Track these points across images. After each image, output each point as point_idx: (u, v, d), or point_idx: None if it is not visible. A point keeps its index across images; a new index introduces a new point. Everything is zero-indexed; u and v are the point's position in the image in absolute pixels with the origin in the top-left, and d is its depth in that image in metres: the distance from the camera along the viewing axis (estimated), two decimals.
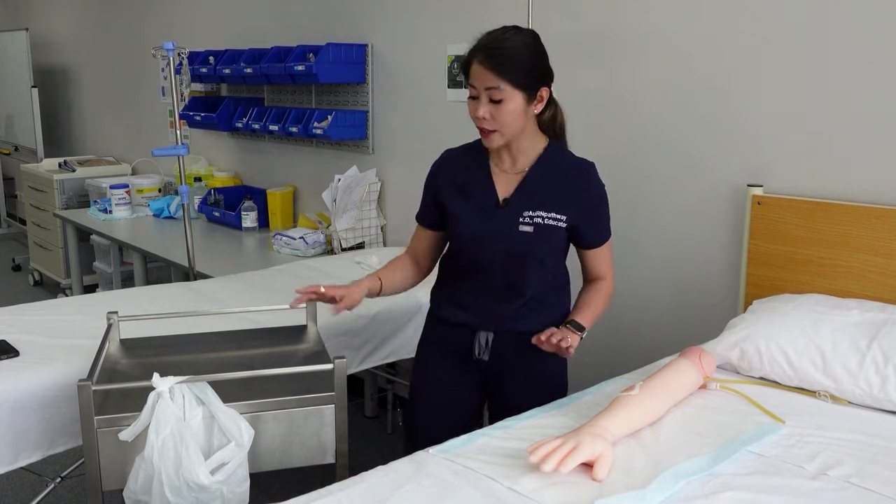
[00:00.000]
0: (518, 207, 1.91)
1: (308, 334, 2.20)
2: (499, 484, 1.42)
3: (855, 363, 1.81)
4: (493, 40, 1.82)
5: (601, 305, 2.03)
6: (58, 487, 2.90)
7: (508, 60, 1.79)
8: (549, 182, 1.92)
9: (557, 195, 1.91)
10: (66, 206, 5.37)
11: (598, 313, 2.02)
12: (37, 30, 7.14)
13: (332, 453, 1.82)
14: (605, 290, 2.04)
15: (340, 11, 3.89)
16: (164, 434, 1.62)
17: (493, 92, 1.79)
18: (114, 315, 2.12)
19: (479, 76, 1.80)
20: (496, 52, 1.79)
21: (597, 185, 1.96)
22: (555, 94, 1.89)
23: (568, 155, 1.98)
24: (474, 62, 1.81)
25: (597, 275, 2.05)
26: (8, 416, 1.93)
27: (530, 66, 1.82)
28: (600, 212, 1.98)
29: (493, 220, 1.92)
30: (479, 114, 1.82)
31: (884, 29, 2.12)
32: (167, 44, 3.22)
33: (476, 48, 1.83)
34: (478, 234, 1.94)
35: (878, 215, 2.11)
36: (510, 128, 1.84)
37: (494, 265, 1.94)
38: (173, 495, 1.61)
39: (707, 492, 1.40)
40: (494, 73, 1.78)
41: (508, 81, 1.79)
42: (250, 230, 4.20)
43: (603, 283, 2.05)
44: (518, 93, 1.80)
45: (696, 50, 2.53)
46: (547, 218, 1.90)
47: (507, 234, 1.91)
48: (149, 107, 5.65)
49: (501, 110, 1.81)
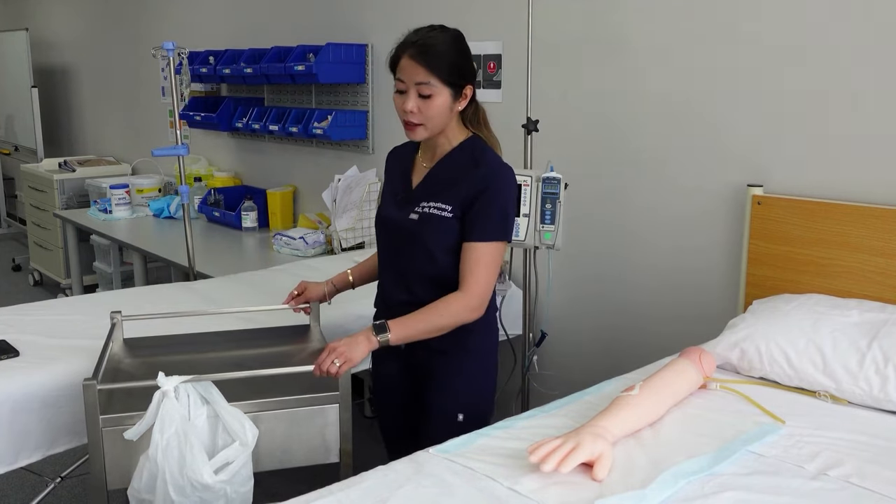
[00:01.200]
0: (418, 198, 1.93)
1: (311, 334, 2.21)
2: (499, 484, 1.42)
3: (855, 363, 1.81)
4: (423, 37, 1.84)
5: (430, 318, 1.83)
6: (58, 487, 2.90)
7: (438, 57, 1.82)
8: (448, 174, 1.92)
9: (449, 185, 1.89)
10: (66, 206, 5.37)
11: (422, 324, 1.83)
12: (37, 30, 7.14)
13: (335, 452, 1.83)
14: (450, 302, 1.83)
15: (340, 11, 3.89)
16: (168, 433, 1.62)
17: (422, 87, 1.82)
18: (117, 314, 2.12)
19: (409, 71, 1.82)
20: (427, 48, 1.82)
21: (485, 173, 1.86)
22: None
23: (478, 150, 1.92)
24: (404, 57, 1.83)
25: (460, 279, 1.86)
26: (8, 416, 1.93)
27: (458, 64, 1.85)
28: (484, 202, 1.84)
29: (395, 208, 1.97)
30: (408, 107, 1.83)
31: (884, 29, 2.12)
32: (167, 44, 3.22)
33: (406, 43, 1.85)
34: (382, 221, 2.00)
35: (878, 215, 2.11)
36: (435, 122, 1.86)
37: (395, 254, 1.97)
38: (177, 494, 1.61)
39: (707, 492, 1.40)
40: (425, 69, 1.81)
41: (438, 77, 1.81)
42: (250, 230, 4.19)
43: (454, 295, 1.84)
44: (446, 89, 1.83)
45: (696, 50, 2.53)
46: (433, 207, 1.89)
47: (399, 222, 1.94)
48: (149, 107, 5.65)
49: (429, 105, 1.83)
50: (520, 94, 2.73)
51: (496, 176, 1.88)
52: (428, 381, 1.99)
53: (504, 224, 1.88)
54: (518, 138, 2.67)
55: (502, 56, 3.12)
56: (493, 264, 1.87)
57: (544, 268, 2.78)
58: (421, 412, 2.00)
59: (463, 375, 1.96)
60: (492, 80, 3.17)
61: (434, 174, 1.94)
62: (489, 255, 1.85)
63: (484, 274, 1.85)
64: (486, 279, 1.85)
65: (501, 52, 3.12)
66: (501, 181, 1.88)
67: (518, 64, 2.92)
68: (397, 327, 1.81)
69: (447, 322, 1.84)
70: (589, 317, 2.97)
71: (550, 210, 2.42)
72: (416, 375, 2.02)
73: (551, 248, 2.45)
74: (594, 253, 2.91)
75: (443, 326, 1.85)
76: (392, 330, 1.80)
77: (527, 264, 2.63)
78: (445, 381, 1.96)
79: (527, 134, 2.63)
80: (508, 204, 1.89)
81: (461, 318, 1.85)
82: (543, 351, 2.88)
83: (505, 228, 1.89)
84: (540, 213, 2.43)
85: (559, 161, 2.61)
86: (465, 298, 1.84)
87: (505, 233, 1.89)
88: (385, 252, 2.02)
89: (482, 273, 1.85)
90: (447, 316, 1.83)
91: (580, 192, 2.82)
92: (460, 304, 1.84)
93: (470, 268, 1.85)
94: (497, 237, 1.87)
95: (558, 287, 2.99)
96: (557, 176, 2.41)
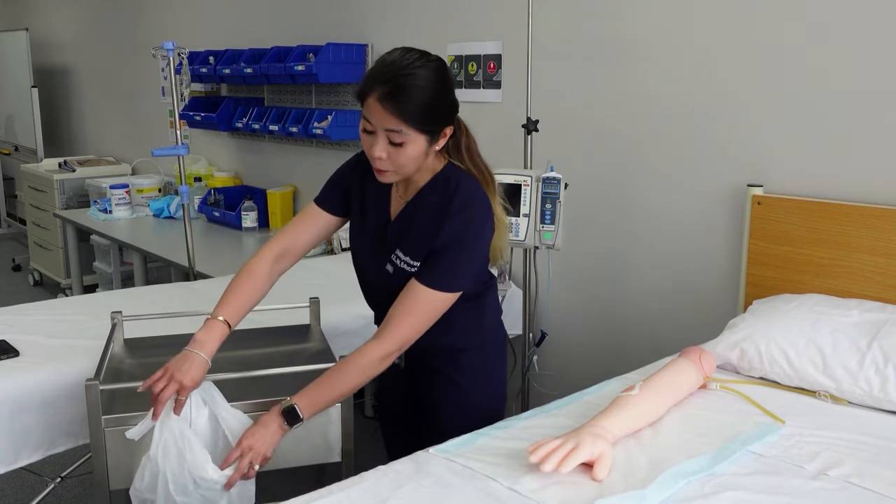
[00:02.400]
0: (392, 243, 1.76)
1: (312, 333, 2.21)
2: (499, 484, 1.42)
3: (855, 363, 1.81)
4: (395, 75, 1.56)
5: (343, 380, 1.66)
6: (58, 487, 2.90)
7: (411, 103, 1.56)
8: (419, 219, 1.73)
9: (419, 233, 1.72)
10: (66, 206, 5.37)
11: (332, 390, 1.66)
12: (37, 30, 7.14)
13: (337, 452, 1.82)
14: (363, 355, 1.66)
15: (340, 11, 3.89)
16: (168, 433, 1.62)
17: (392, 135, 1.58)
18: (118, 315, 2.12)
19: (376, 115, 1.57)
20: (399, 91, 1.55)
21: (454, 224, 1.67)
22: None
23: (450, 183, 1.71)
24: (371, 97, 1.57)
25: (388, 315, 1.69)
26: (8, 416, 1.93)
27: (435, 107, 1.60)
28: (445, 254, 1.68)
29: (371, 251, 1.81)
30: (376, 154, 1.61)
31: (884, 29, 2.12)
32: (167, 44, 3.22)
33: (374, 79, 1.58)
34: (367, 256, 1.84)
35: (878, 215, 2.11)
36: (407, 169, 1.65)
37: (375, 289, 1.86)
38: (179, 493, 1.61)
39: (707, 492, 1.40)
40: (395, 117, 1.56)
41: (411, 126, 1.57)
42: (250, 230, 4.19)
43: (367, 345, 1.67)
44: (421, 136, 1.60)
45: (696, 50, 2.53)
46: (404, 262, 1.73)
47: (378, 271, 1.80)
48: (149, 107, 5.65)
49: (401, 153, 1.61)
50: (520, 94, 2.73)
51: (467, 232, 1.68)
52: (427, 401, 1.91)
53: (459, 276, 1.70)
54: (518, 138, 2.67)
55: (502, 56, 3.12)
56: (430, 314, 1.69)
57: (544, 268, 2.78)
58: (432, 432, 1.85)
59: (459, 397, 1.88)
60: (492, 80, 3.17)
61: (406, 215, 1.76)
62: (430, 303, 1.67)
63: (415, 322, 1.68)
64: (412, 328, 1.68)
65: (501, 52, 3.12)
66: (474, 233, 1.69)
67: (518, 64, 2.92)
68: (307, 406, 1.64)
69: (358, 381, 1.68)
70: (589, 317, 2.97)
71: (550, 210, 2.42)
72: (416, 394, 1.95)
73: (551, 248, 2.45)
74: (594, 253, 2.91)
75: (354, 387, 1.69)
76: (303, 410, 1.63)
77: (527, 264, 2.63)
78: (444, 403, 1.88)
79: (527, 134, 2.63)
80: (472, 255, 1.71)
81: (372, 372, 1.68)
82: (543, 351, 2.88)
83: (458, 281, 1.70)
84: (540, 213, 2.43)
85: (559, 161, 2.61)
86: (380, 347, 1.66)
87: (457, 285, 1.70)
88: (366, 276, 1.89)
89: (412, 321, 1.67)
90: (357, 375, 1.67)
91: (580, 192, 2.83)
92: (372, 356, 1.66)
93: (402, 311, 1.67)
94: (449, 289, 1.69)
95: (558, 287, 2.99)
96: (557, 176, 2.41)
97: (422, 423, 1.94)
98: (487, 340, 1.92)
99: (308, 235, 1.90)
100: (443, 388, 1.88)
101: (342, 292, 2.44)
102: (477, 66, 3.22)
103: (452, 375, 1.86)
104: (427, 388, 1.91)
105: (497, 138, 2.88)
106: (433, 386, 1.90)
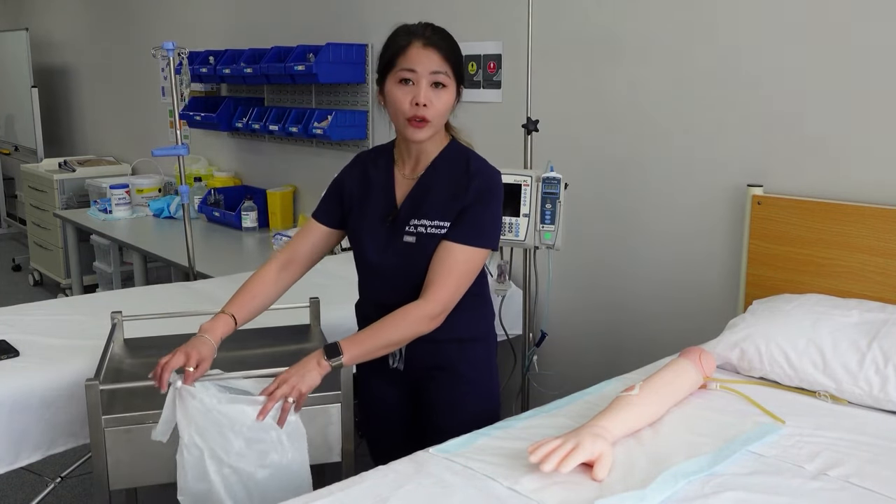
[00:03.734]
0: (406, 216, 1.78)
1: (312, 334, 2.21)
2: (499, 484, 1.42)
3: (855, 363, 1.81)
4: (430, 27, 1.73)
5: (386, 332, 1.69)
6: (58, 487, 2.90)
7: (451, 48, 1.72)
8: (437, 187, 1.78)
9: (442, 199, 1.76)
10: (66, 206, 5.37)
11: (377, 340, 1.69)
12: (37, 30, 7.14)
13: (338, 452, 1.82)
14: (408, 313, 1.69)
15: (340, 11, 3.89)
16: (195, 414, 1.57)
17: (438, 76, 1.68)
18: (118, 315, 2.12)
19: (423, 59, 1.68)
20: (440, 38, 1.71)
21: (477, 185, 1.75)
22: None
23: (462, 152, 1.82)
24: (416, 44, 1.69)
25: (425, 284, 1.72)
26: (8, 416, 1.93)
27: (461, 60, 1.76)
28: (471, 209, 1.74)
29: (384, 230, 1.81)
30: (421, 99, 1.67)
31: (884, 28, 2.12)
32: (167, 44, 3.22)
33: (411, 32, 1.72)
34: (371, 244, 1.83)
35: (878, 215, 2.11)
36: (441, 119, 1.73)
37: (387, 276, 1.82)
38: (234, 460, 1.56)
39: (707, 492, 1.40)
40: (442, 57, 1.69)
41: (452, 68, 1.71)
42: (250, 230, 4.20)
43: (414, 304, 1.70)
44: (453, 83, 1.73)
45: (696, 50, 2.53)
46: (430, 227, 1.75)
47: (394, 245, 1.79)
48: (149, 107, 5.65)
49: (442, 98, 1.70)
50: (520, 94, 2.73)
51: (491, 187, 1.77)
52: (429, 403, 1.91)
53: (493, 232, 1.77)
54: (518, 138, 2.67)
55: (502, 56, 3.12)
56: (469, 273, 1.74)
57: (544, 268, 2.78)
58: (423, 435, 1.88)
59: (465, 393, 1.89)
60: (492, 80, 3.17)
61: (422, 187, 1.80)
62: (468, 262, 1.72)
63: (455, 283, 1.71)
64: (455, 288, 1.71)
65: (501, 52, 3.12)
66: (496, 190, 1.79)
67: (518, 64, 2.92)
68: (350, 347, 1.66)
69: (404, 335, 1.71)
70: (589, 317, 2.97)
71: (550, 210, 2.42)
72: (415, 399, 1.94)
73: (551, 248, 2.45)
74: (594, 253, 2.91)
75: (399, 340, 1.72)
76: (345, 351, 1.65)
77: (527, 264, 2.63)
78: (448, 401, 1.88)
79: (527, 134, 2.63)
80: (496, 212, 1.79)
81: (419, 329, 1.71)
82: (543, 351, 2.88)
83: (493, 236, 1.77)
84: (540, 213, 2.44)
85: (559, 161, 2.61)
86: (426, 307, 1.69)
87: (492, 241, 1.77)
88: (369, 272, 1.88)
89: (453, 281, 1.70)
90: (404, 328, 1.69)
91: (580, 192, 2.82)
92: (420, 312, 1.69)
93: (442, 272, 1.70)
94: (482, 244, 1.74)
95: (558, 287, 2.99)
96: (557, 176, 2.41)
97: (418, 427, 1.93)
98: (490, 332, 1.97)
99: (307, 246, 1.92)
100: (447, 385, 1.88)
101: (342, 292, 2.44)
102: (477, 66, 3.22)
103: (460, 368, 1.86)
104: (428, 388, 1.91)
105: (497, 138, 2.87)
106: (437, 384, 1.89)
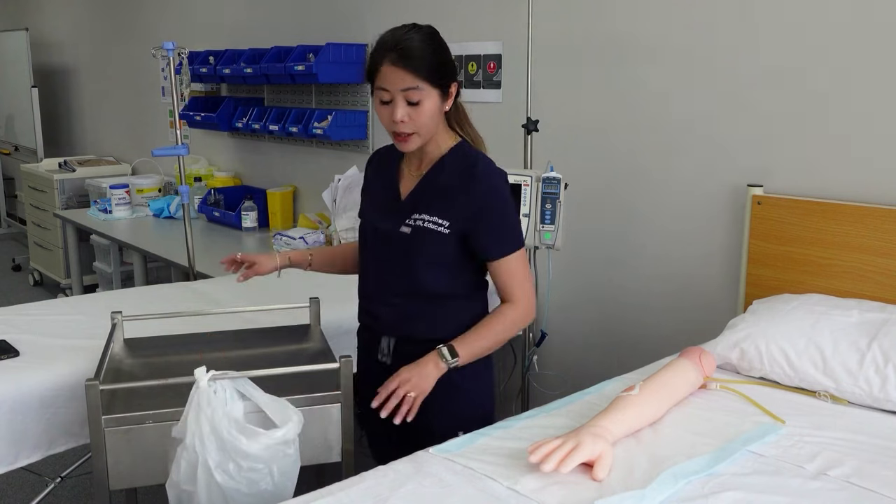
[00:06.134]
0: (408, 209, 1.84)
1: (312, 334, 2.21)
2: (499, 484, 1.42)
3: (855, 363, 1.81)
4: (399, 40, 1.72)
5: (491, 332, 1.83)
6: (58, 487, 2.90)
7: (420, 58, 1.70)
8: (441, 184, 1.82)
9: (444, 198, 1.80)
10: (66, 206, 5.37)
11: (485, 340, 1.83)
12: (37, 30, 7.14)
13: (338, 452, 1.82)
14: (506, 314, 1.84)
15: (340, 11, 3.89)
16: (204, 420, 1.58)
17: (410, 93, 1.70)
18: (118, 315, 2.12)
19: (392, 78, 1.70)
20: (408, 50, 1.70)
21: (485, 189, 1.79)
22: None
23: (470, 154, 1.84)
24: (385, 64, 1.71)
25: (503, 295, 1.86)
26: (8, 416, 1.92)
27: (441, 62, 1.74)
28: (491, 219, 1.80)
29: (385, 220, 1.87)
30: (397, 118, 1.71)
31: (884, 28, 2.12)
32: (167, 44, 3.22)
33: (383, 49, 1.72)
34: (371, 232, 1.91)
35: (878, 215, 2.11)
36: (428, 129, 1.76)
37: (383, 266, 1.88)
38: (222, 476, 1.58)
39: (707, 492, 1.40)
40: (411, 73, 1.69)
41: (425, 80, 1.70)
42: (250, 230, 4.19)
43: (507, 306, 1.84)
44: (434, 91, 1.73)
45: (696, 50, 2.53)
46: (428, 221, 1.80)
47: (390, 235, 1.84)
48: (149, 107, 5.65)
49: (419, 112, 1.72)
50: (520, 94, 2.73)
51: (497, 189, 1.81)
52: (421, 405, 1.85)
53: (519, 231, 1.87)
54: (518, 138, 2.67)
55: (502, 56, 3.12)
56: (526, 270, 1.87)
57: (544, 268, 2.78)
58: (417, 434, 1.84)
59: (460, 391, 1.87)
60: (492, 80, 3.17)
61: (426, 184, 1.84)
62: (520, 264, 1.84)
63: (525, 283, 1.85)
64: (529, 286, 1.86)
65: (501, 52, 3.12)
66: (503, 192, 1.82)
67: (518, 64, 2.92)
68: (464, 348, 1.80)
69: (509, 335, 1.86)
70: (589, 317, 2.97)
71: (550, 210, 2.43)
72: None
73: (551, 248, 2.45)
74: (594, 253, 2.91)
75: (505, 339, 1.86)
76: (460, 352, 1.79)
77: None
78: (443, 400, 1.85)
79: (527, 134, 2.63)
80: (514, 209, 1.87)
81: (520, 326, 1.88)
82: (543, 351, 2.88)
83: (520, 235, 1.88)
84: (540, 213, 2.44)
85: (559, 161, 2.61)
86: (520, 308, 1.84)
87: (522, 239, 1.88)
88: (370, 262, 1.93)
89: (523, 283, 1.84)
90: (508, 328, 1.84)
91: (580, 193, 2.82)
92: (517, 314, 1.84)
93: (510, 283, 1.83)
94: (518, 246, 1.85)
95: (558, 287, 2.99)
96: (557, 176, 2.42)
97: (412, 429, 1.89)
98: None
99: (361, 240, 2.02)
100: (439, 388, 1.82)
101: (342, 292, 2.44)
102: (477, 66, 3.22)
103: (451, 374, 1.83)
104: None
105: (497, 138, 2.87)
106: None
